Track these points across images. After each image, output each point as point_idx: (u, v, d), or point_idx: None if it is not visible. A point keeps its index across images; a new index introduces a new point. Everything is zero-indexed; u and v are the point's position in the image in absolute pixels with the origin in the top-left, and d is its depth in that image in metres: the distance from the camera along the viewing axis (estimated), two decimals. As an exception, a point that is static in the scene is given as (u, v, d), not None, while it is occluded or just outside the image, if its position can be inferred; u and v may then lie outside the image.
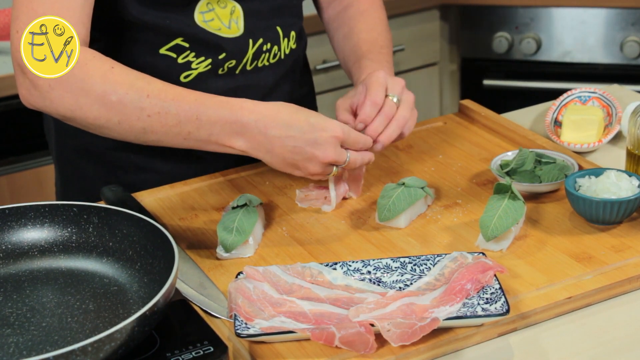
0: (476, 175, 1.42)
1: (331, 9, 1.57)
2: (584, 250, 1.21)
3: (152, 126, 1.23)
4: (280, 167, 1.26)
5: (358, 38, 1.49)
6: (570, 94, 1.61)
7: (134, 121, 1.22)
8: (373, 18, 1.53)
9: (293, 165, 1.25)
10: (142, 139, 1.26)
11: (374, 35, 1.50)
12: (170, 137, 1.24)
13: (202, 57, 1.39)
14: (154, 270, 1.09)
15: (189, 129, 1.23)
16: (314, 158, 1.23)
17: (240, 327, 1.06)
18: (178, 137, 1.24)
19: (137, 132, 1.24)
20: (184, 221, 1.34)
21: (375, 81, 1.33)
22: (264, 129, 1.22)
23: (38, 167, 2.27)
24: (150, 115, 1.22)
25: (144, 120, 1.22)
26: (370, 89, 1.32)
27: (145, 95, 1.22)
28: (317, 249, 1.25)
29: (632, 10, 2.60)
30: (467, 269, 1.12)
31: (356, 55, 1.47)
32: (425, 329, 1.03)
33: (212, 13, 1.38)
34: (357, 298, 1.12)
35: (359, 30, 1.50)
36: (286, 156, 1.23)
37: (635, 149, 1.36)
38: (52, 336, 1.02)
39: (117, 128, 1.24)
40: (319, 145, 1.23)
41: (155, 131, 1.23)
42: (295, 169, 1.26)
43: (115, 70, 1.23)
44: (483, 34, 2.76)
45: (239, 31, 1.41)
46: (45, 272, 1.14)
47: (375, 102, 1.31)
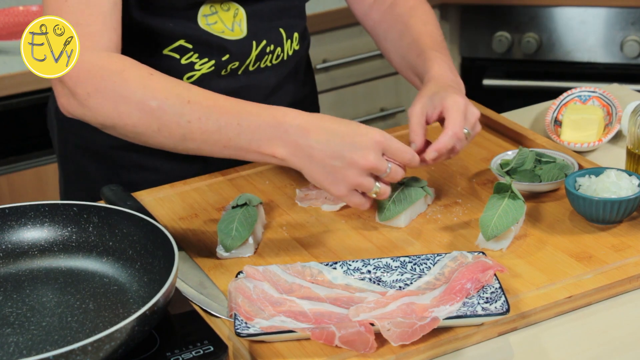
0: (476, 174, 1.42)
1: (375, 12, 1.53)
2: (584, 249, 1.21)
3: (192, 132, 1.20)
4: (319, 178, 1.18)
5: (416, 32, 1.44)
6: (570, 94, 1.61)
7: (173, 127, 1.20)
8: (424, 12, 1.48)
9: (333, 174, 1.18)
10: (180, 147, 1.23)
11: (430, 28, 1.45)
12: (209, 144, 1.20)
13: (206, 59, 1.39)
14: (154, 270, 1.09)
15: (230, 135, 1.19)
16: (353, 164, 1.17)
17: (240, 327, 1.06)
18: (218, 144, 1.20)
19: (177, 139, 1.21)
20: (184, 221, 1.34)
21: (455, 108, 1.26)
22: (305, 134, 1.17)
23: (38, 166, 2.27)
24: (191, 122, 1.19)
25: (183, 127, 1.20)
26: (451, 117, 1.26)
27: (185, 101, 1.20)
28: (317, 249, 1.25)
29: (632, 10, 2.60)
30: (467, 268, 1.12)
31: (419, 48, 1.41)
32: (425, 329, 1.03)
33: (216, 16, 1.38)
34: (357, 297, 1.12)
35: (414, 24, 1.45)
36: (326, 162, 1.17)
37: (635, 148, 1.36)
38: (52, 336, 1.02)
39: (156, 135, 1.21)
40: (358, 150, 1.17)
41: (195, 138, 1.20)
42: (335, 181, 1.18)
43: (154, 77, 1.22)
44: (483, 34, 2.76)
45: (242, 33, 1.41)
46: (45, 272, 1.14)
47: (457, 135, 1.25)
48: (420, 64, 1.39)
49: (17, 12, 2.39)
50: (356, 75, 2.67)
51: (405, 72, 1.46)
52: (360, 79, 2.68)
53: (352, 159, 1.17)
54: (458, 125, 1.26)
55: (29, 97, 2.20)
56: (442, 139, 1.25)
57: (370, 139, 1.17)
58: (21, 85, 2.18)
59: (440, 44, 1.43)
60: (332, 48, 2.59)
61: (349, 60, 2.63)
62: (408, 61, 1.44)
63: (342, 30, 2.57)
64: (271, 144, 1.18)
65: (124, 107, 1.20)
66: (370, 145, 1.17)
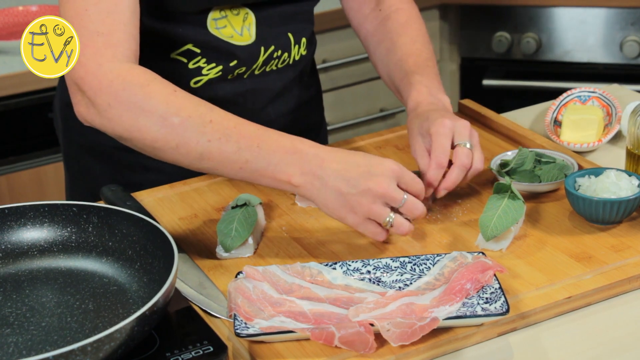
0: (476, 174, 1.42)
1: (369, 24, 1.53)
2: (584, 249, 1.21)
3: (211, 152, 1.19)
4: (333, 206, 1.18)
5: (402, 52, 1.45)
6: (570, 94, 1.61)
7: (192, 145, 1.20)
8: (414, 30, 1.48)
9: (347, 202, 1.17)
10: (196, 165, 1.22)
11: (418, 47, 1.45)
12: (226, 165, 1.20)
13: (213, 64, 1.39)
14: (153, 270, 1.09)
15: (247, 157, 1.19)
16: (367, 191, 1.17)
17: (240, 327, 1.06)
18: (234, 165, 1.20)
19: (194, 158, 1.21)
20: (183, 221, 1.34)
21: (438, 135, 1.27)
22: (322, 162, 1.18)
23: (37, 166, 2.27)
24: (211, 141, 1.19)
25: (202, 145, 1.19)
26: (434, 145, 1.27)
27: (208, 120, 1.20)
28: (317, 249, 1.25)
29: (632, 10, 2.60)
30: (467, 268, 1.12)
31: (403, 70, 1.42)
32: (425, 329, 1.03)
33: (225, 20, 1.38)
34: (356, 298, 1.12)
35: (402, 44, 1.46)
36: (340, 190, 1.17)
37: (635, 149, 1.36)
38: (51, 336, 1.02)
39: (173, 152, 1.21)
40: (373, 177, 1.17)
41: (213, 158, 1.20)
42: (349, 209, 1.18)
43: (178, 94, 1.22)
44: (483, 34, 2.76)
45: (251, 38, 1.40)
46: (44, 272, 1.14)
47: (441, 165, 1.27)
48: (403, 88, 1.41)
49: (17, 12, 2.39)
50: (356, 75, 2.67)
51: (392, 89, 1.48)
52: (360, 79, 2.68)
53: (366, 186, 1.17)
54: (441, 152, 1.27)
55: (28, 98, 2.20)
56: (429, 172, 1.27)
57: (385, 167, 1.18)
58: (20, 86, 2.18)
59: (425, 62, 1.43)
60: (332, 48, 2.59)
61: (349, 60, 2.63)
62: (393, 81, 1.46)
63: (342, 30, 2.57)
64: (287, 170, 1.19)
65: (145, 120, 1.20)
66: (385, 172, 1.18)
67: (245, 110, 1.44)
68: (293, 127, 1.50)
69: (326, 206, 1.19)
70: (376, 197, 1.18)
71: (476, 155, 1.29)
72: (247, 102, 1.45)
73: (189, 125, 1.19)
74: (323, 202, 1.19)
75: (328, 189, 1.18)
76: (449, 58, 2.84)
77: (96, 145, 1.48)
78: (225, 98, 1.42)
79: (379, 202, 1.18)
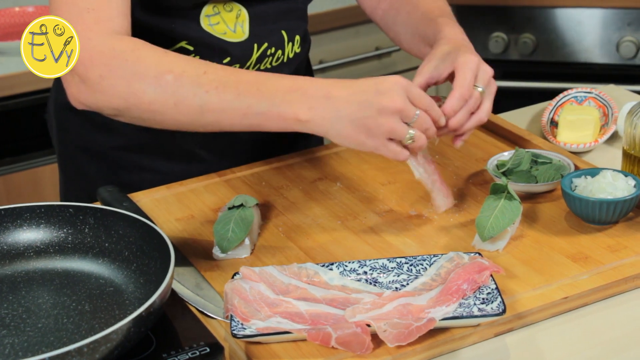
0: (472, 175, 1.42)
1: (383, 3, 1.52)
2: (580, 250, 1.21)
3: (210, 102, 1.17)
4: (351, 134, 1.15)
5: (425, 8, 1.43)
6: (566, 94, 1.61)
7: (190, 99, 1.18)
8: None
9: (364, 126, 1.15)
10: (198, 122, 1.20)
11: (440, 4, 1.45)
12: (229, 114, 1.18)
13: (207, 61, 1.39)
14: (150, 271, 1.09)
15: (250, 102, 1.16)
16: (383, 109, 1.14)
17: (237, 328, 1.06)
18: (237, 112, 1.17)
19: (194, 113, 1.18)
20: (180, 222, 1.34)
21: (465, 67, 1.25)
22: (327, 91, 1.16)
23: (34, 167, 2.27)
24: (209, 91, 1.17)
25: (201, 97, 1.17)
26: (459, 76, 1.24)
27: (202, 71, 1.19)
28: (314, 250, 1.25)
29: (628, 11, 2.61)
30: (464, 269, 1.12)
31: (428, 18, 1.40)
32: (422, 329, 1.03)
33: (218, 17, 1.38)
34: (353, 298, 1.12)
35: (424, 3, 1.45)
36: (355, 115, 1.14)
37: (631, 149, 1.36)
38: (48, 337, 1.02)
39: (173, 111, 1.19)
40: (384, 94, 1.15)
41: (213, 108, 1.18)
42: (368, 133, 1.15)
43: (169, 53, 1.21)
44: (479, 34, 2.76)
45: (244, 35, 1.40)
46: (41, 273, 1.14)
47: (463, 97, 1.23)
48: (431, 30, 1.38)
49: (14, 13, 2.39)
50: (353, 75, 2.67)
51: (417, 46, 1.44)
52: (356, 80, 2.68)
53: (380, 105, 1.15)
54: (466, 85, 1.24)
55: (25, 99, 2.20)
56: (449, 101, 1.24)
57: (392, 82, 1.16)
58: (17, 87, 2.18)
59: (450, 14, 1.42)
60: (329, 49, 2.59)
61: (346, 61, 2.63)
62: (419, 33, 1.42)
63: (339, 31, 2.57)
64: (293, 105, 1.16)
65: (139, 84, 1.19)
66: (395, 87, 1.16)
67: None
68: None
69: (341, 136, 1.16)
70: (394, 114, 1.16)
71: (485, 104, 1.27)
72: None
73: (184, 80, 1.18)
74: (338, 132, 1.16)
75: (341, 117, 1.15)
76: (446, 58, 2.84)
77: (91, 145, 1.48)
78: None
79: (396, 119, 1.16)
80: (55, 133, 1.55)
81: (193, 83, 1.18)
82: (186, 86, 1.18)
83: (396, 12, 1.50)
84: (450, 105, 1.23)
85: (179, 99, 1.18)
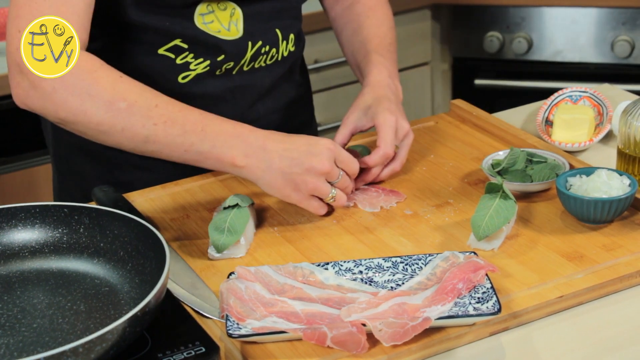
0: (467, 174, 1.42)
1: (338, 6, 1.59)
2: (576, 249, 1.22)
3: (157, 135, 1.24)
4: (279, 185, 1.26)
5: (367, 32, 1.52)
6: (561, 94, 1.61)
7: (138, 128, 1.23)
8: (381, 14, 1.55)
9: (292, 181, 1.25)
10: (140, 148, 1.26)
11: (384, 30, 1.53)
12: (171, 147, 1.25)
13: (201, 59, 1.40)
14: (145, 271, 1.09)
15: (193, 140, 1.24)
16: (311, 169, 1.25)
17: (232, 328, 1.05)
18: (179, 148, 1.24)
19: (139, 141, 1.24)
20: (175, 222, 1.34)
21: (385, 126, 1.36)
22: (263, 143, 1.25)
23: (28, 168, 2.26)
24: (157, 124, 1.23)
25: (148, 129, 1.23)
26: (382, 136, 1.35)
27: (153, 104, 1.24)
28: (309, 249, 1.25)
29: (623, 10, 2.61)
30: (459, 268, 1.12)
31: (365, 48, 1.49)
32: (417, 329, 1.03)
33: (212, 15, 1.38)
34: (348, 298, 1.12)
35: (368, 26, 1.53)
36: (285, 170, 1.24)
37: (625, 148, 1.36)
38: (43, 337, 1.02)
39: (119, 135, 1.24)
40: (314, 156, 1.25)
41: (158, 140, 1.24)
42: (294, 187, 1.26)
43: (124, 79, 1.25)
44: (474, 34, 2.76)
45: (239, 33, 1.41)
46: (36, 273, 1.13)
47: (386, 155, 1.36)
48: (364, 64, 1.48)
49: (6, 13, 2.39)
50: (348, 75, 2.67)
51: (354, 68, 1.54)
52: (352, 80, 2.68)
53: (310, 165, 1.25)
54: (389, 144, 1.35)
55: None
56: (372, 156, 1.36)
57: (323, 146, 1.26)
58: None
59: (388, 47, 1.50)
60: (324, 48, 2.59)
61: (341, 60, 2.63)
62: (355, 59, 1.52)
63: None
64: (232, 151, 1.24)
65: (91, 105, 1.22)
66: (324, 151, 1.26)
67: (234, 107, 1.44)
68: (282, 125, 1.50)
69: (270, 186, 1.26)
70: (320, 175, 1.26)
71: (400, 154, 1.39)
72: (236, 99, 1.45)
73: (135, 109, 1.23)
74: (268, 182, 1.26)
75: (273, 169, 1.25)
76: (441, 58, 2.84)
77: (85, 144, 1.47)
78: (214, 94, 1.42)
79: (321, 179, 1.27)
80: (50, 132, 1.55)
81: (143, 114, 1.23)
82: (136, 116, 1.23)
83: (344, 24, 1.58)
84: (373, 161, 1.36)
85: (127, 126, 1.23)
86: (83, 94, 1.22)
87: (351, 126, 1.40)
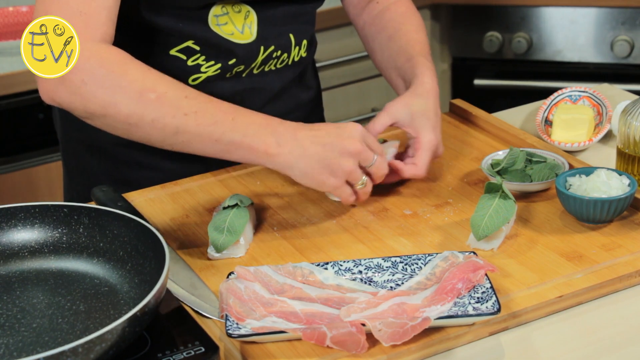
0: (467, 174, 1.42)
1: (366, 14, 1.56)
2: (575, 249, 1.22)
3: (187, 125, 1.22)
4: (315, 172, 1.23)
5: (408, 38, 1.48)
6: (560, 93, 1.61)
7: (168, 120, 1.22)
8: (416, 19, 1.52)
9: (328, 167, 1.23)
10: (169, 140, 1.25)
11: (422, 36, 1.50)
12: (202, 137, 1.23)
13: (212, 62, 1.40)
14: (144, 271, 1.09)
15: (224, 130, 1.22)
16: (345, 151, 1.23)
17: (232, 327, 1.06)
18: (210, 138, 1.23)
19: (169, 132, 1.23)
20: (174, 221, 1.34)
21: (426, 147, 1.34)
22: (293, 132, 1.23)
23: (29, 167, 2.26)
24: (187, 114, 1.22)
25: (179, 119, 1.22)
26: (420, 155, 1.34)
27: (183, 95, 1.23)
28: (309, 249, 1.25)
29: (622, 10, 2.61)
30: (458, 268, 1.12)
31: (409, 53, 1.45)
32: (417, 329, 1.03)
33: (226, 17, 1.38)
34: (348, 298, 1.12)
35: (406, 31, 1.49)
36: (320, 155, 1.22)
37: (625, 148, 1.36)
38: (42, 337, 1.02)
39: (148, 127, 1.23)
40: (346, 138, 1.23)
41: (188, 130, 1.23)
42: (330, 172, 1.23)
43: (152, 72, 1.25)
44: (474, 34, 2.76)
45: (252, 37, 1.41)
46: (35, 273, 1.13)
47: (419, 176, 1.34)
48: (409, 68, 1.43)
49: (7, 13, 2.39)
50: (348, 75, 2.67)
51: (389, 72, 1.49)
52: (351, 79, 2.68)
53: (343, 147, 1.23)
54: (424, 166, 1.34)
55: (19, 99, 2.20)
56: (406, 169, 1.33)
57: (352, 127, 1.25)
58: (11, 87, 2.17)
59: (428, 52, 1.47)
60: (324, 48, 2.59)
61: (341, 60, 2.63)
62: (396, 65, 1.47)
63: (333, 30, 2.57)
64: (264, 139, 1.23)
65: (121, 97, 1.22)
66: (354, 132, 1.24)
67: None
68: None
69: (305, 173, 1.23)
70: (354, 157, 1.24)
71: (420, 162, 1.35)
72: (245, 102, 1.45)
73: (165, 99, 1.22)
74: (303, 169, 1.23)
75: (307, 155, 1.22)
76: (440, 58, 2.84)
77: (94, 141, 1.48)
78: (223, 97, 1.42)
79: (355, 163, 1.24)
80: (60, 127, 1.55)
81: (173, 105, 1.22)
82: (166, 106, 1.22)
83: (377, 30, 1.53)
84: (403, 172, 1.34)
85: (157, 116, 1.22)
86: (114, 86, 1.22)
87: (394, 117, 1.35)
